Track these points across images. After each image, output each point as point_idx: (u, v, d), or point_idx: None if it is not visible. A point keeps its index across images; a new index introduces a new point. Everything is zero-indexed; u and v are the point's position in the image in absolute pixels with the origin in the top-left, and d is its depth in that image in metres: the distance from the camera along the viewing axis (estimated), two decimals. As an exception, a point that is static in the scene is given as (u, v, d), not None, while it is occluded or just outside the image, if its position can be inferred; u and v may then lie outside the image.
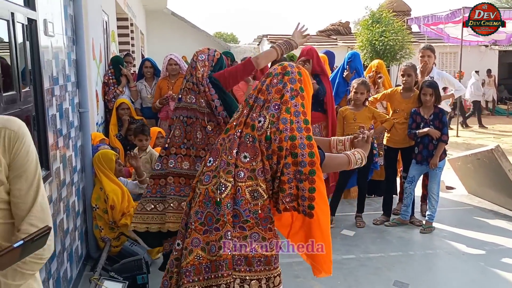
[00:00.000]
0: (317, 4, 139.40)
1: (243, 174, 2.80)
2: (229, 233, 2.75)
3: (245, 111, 2.93)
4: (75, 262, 4.34)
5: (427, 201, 5.96)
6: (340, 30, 22.56)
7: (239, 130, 2.87)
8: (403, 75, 5.96)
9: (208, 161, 2.95)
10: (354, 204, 6.28)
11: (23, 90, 3.25)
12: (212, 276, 2.78)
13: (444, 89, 7.31)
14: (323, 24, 39.68)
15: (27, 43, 3.41)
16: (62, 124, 4.08)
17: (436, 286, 4.55)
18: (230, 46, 23.55)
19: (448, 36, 17.09)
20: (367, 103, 5.92)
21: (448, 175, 7.75)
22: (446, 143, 5.78)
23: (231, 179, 2.79)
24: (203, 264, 2.80)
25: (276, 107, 2.85)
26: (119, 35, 10.58)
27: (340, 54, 8.16)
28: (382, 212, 6.15)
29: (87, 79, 4.87)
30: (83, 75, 4.77)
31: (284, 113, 2.83)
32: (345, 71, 6.68)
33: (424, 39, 18.27)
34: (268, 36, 22.00)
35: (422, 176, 6.17)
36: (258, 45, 24.19)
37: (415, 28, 18.14)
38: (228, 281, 2.75)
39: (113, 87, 7.03)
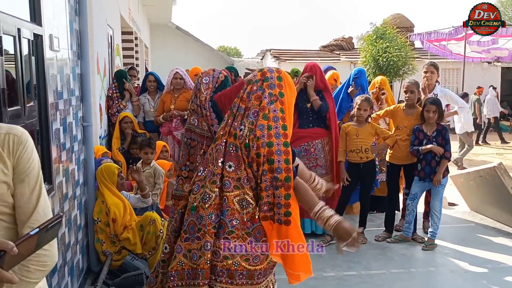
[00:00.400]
0: (320, 19, 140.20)
1: (228, 183, 2.79)
2: (208, 244, 2.74)
3: (229, 121, 2.93)
4: (76, 276, 4.33)
5: (429, 218, 5.95)
6: (343, 46, 22.66)
7: (224, 140, 2.87)
8: (406, 92, 5.98)
9: (199, 170, 2.97)
10: (356, 220, 6.26)
11: (27, 105, 3.27)
12: (192, 284, 2.81)
13: (447, 106, 7.34)
14: (326, 39, 39.91)
15: (33, 58, 3.44)
16: (66, 138, 4.10)
17: (438, 304, 4.52)
18: (233, 60, 23.65)
19: (451, 53, 17.15)
20: (370, 119, 5.94)
21: (450, 191, 7.74)
22: (449, 160, 5.79)
23: (216, 189, 2.80)
24: (185, 270, 2.84)
25: (255, 114, 2.84)
26: (124, 49, 10.64)
27: (343, 70, 8.20)
28: (384, 228, 6.14)
29: (91, 93, 4.90)
30: (87, 89, 4.80)
31: (261, 119, 2.82)
32: (350, 87, 6.71)
33: (427, 55, 18.34)
34: (272, 51, 22.10)
35: (424, 193, 6.17)
36: (261, 59, 24.29)
37: (418, 44, 18.21)
38: None
39: (116, 101, 7.07)
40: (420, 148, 5.70)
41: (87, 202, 4.82)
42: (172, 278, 2.85)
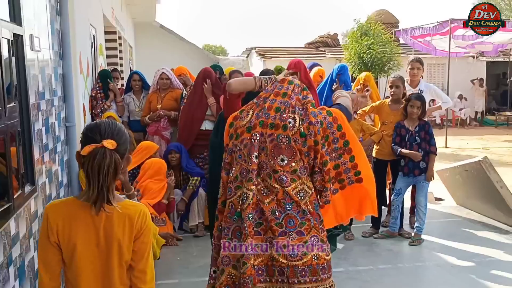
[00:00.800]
0: (305, 16, 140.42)
1: (285, 178, 2.78)
2: (250, 245, 2.71)
3: (260, 114, 2.91)
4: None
5: (415, 213, 5.96)
6: (328, 42, 22.68)
7: (257, 134, 2.84)
8: (391, 87, 5.99)
9: (224, 172, 2.92)
10: (343, 217, 6.26)
11: (8, 106, 3.22)
12: None
13: (432, 101, 7.36)
14: (311, 36, 39.91)
15: (13, 58, 3.39)
16: (48, 139, 4.05)
17: (426, 299, 4.54)
18: (218, 59, 23.59)
19: (435, 49, 17.21)
20: (356, 115, 5.94)
21: (437, 186, 7.77)
22: (436, 154, 5.81)
23: (253, 187, 2.77)
24: (236, 282, 2.75)
25: (301, 108, 2.93)
26: (107, 48, 10.56)
27: (329, 66, 8.18)
28: (371, 224, 6.15)
29: (74, 93, 4.86)
30: (70, 90, 4.76)
31: (310, 107, 2.93)
32: (334, 84, 6.69)
33: (412, 51, 18.41)
34: (257, 49, 22.06)
35: (411, 188, 6.18)
36: (246, 57, 24.25)
37: (402, 40, 18.27)
38: None
39: (100, 102, 7.01)
40: (400, 149, 5.72)
41: (72, 204, 4.77)
42: None
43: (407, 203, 6.38)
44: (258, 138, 2.82)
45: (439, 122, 18.56)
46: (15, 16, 3.46)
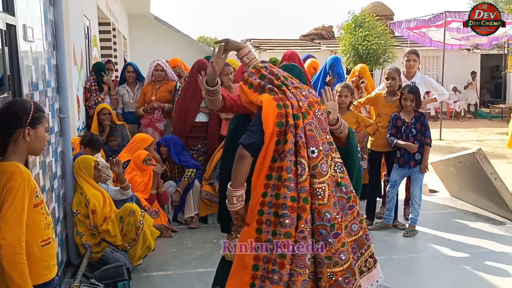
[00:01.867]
0: (300, 8, 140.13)
1: (327, 147, 2.90)
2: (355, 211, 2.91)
3: (302, 93, 2.96)
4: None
5: (410, 204, 5.98)
6: (323, 35, 22.63)
7: (316, 110, 2.94)
8: (387, 78, 5.98)
9: (311, 152, 2.79)
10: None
11: (1, 96, 3.21)
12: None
13: (427, 93, 7.36)
14: (306, 29, 39.86)
15: (6, 48, 3.37)
16: (42, 130, 4.02)
17: (420, 289, 4.56)
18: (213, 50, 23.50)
19: (431, 40, 17.21)
20: (351, 107, 5.94)
21: (431, 178, 7.79)
22: (430, 146, 5.82)
23: (339, 155, 2.93)
24: (351, 249, 2.87)
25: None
26: (101, 40, 10.51)
27: (324, 59, 8.16)
28: (366, 215, 6.16)
29: (67, 85, 4.82)
30: (64, 81, 4.72)
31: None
32: (328, 76, 6.68)
33: (407, 43, 18.40)
34: (252, 41, 22.00)
35: (406, 180, 6.20)
36: (242, 49, 24.15)
37: (398, 32, 18.25)
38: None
39: (95, 94, 7.00)
40: (396, 140, 5.72)
41: (66, 195, 4.76)
42: (346, 280, 2.79)
43: (402, 195, 6.40)
44: (318, 113, 3.00)
45: (433, 114, 18.58)
46: (8, 6, 3.43)
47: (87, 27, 8.05)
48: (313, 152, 2.76)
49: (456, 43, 17.47)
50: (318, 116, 2.89)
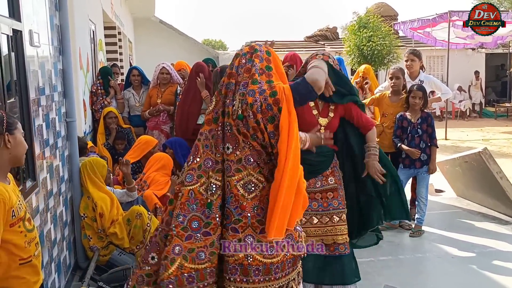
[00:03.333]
0: (304, 10, 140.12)
1: (229, 167, 2.61)
2: (218, 238, 2.60)
3: (220, 102, 2.72)
4: (63, 273, 4.31)
5: (416, 204, 5.98)
6: (327, 36, 22.64)
7: (220, 123, 2.68)
8: (391, 78, 5.99)
9: (189, 160, 2.70)
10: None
11: (8, 101, 3.24)
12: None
13: (432, 92, 7.34)
14: (310, 30, 39.86)
15: (12, 54, 3.40)
16: (49, 134, 4.06)
17: (426, 289, 4.56)
18: (218, 53, 23.57)
19: (435, 39, 17.19)
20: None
21: (437, 178, 7.78)
22: (437, 147, 5.82)
23: (220, 178, 2.63)
24: (185, 274, 2.55)
25: (245, 85, 2.67)
26: (107, 44, 10.56)
27: (328, 60, 8.17)
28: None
29: (74, 89, 4.86)
30: (70, 85, 4.75)
31: (251, 85, 2.65)
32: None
33: (411, 43, 18.39)
34: (256, 42, 22.02)
35: (411, 180, 6.20)
36: (246, 51, 24.20)
37: (402, 32, 18.24)
38: None
39: (101, 98, 7.04)
40: (399, 144, 5.73)
41: (73, 198, 4.78)
42: (170, 285, 2.52)
43: (408, 195, 6.38)
44: (220, 128, 2.68)
45: (439, 114, 18.55)
46: (14, 11, 3.46)
47: (93, 32, 8.09)
48: (189, 160, 2.72)
49: (460, 42, 17.44)
50: (219, 131, 2.67)
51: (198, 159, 2.66)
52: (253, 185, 2.62)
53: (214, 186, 2.62)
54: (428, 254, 5.37)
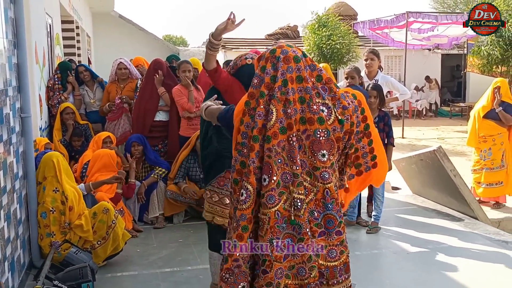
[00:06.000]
0: (265, 8, 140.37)
1: (327, 174, 2.57)
2: (319, 248, 2.59)
3: (288, 110, 2.55)
4: (17, 272, 4.22)
5: (373, 202, 6.08)
6: (288, 34, 22.77)
7: (293, 134, 2.55)
8: (346, 78, 6.08)
9: (263, 180, 2.55)
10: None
11: (-41, 95, 3.14)
12: None
13: (389, 92, 7.49)
14: (271, 28, 39.91)
15: (-36, 46, 3.31)
16: (3, 130, 3.96)
17: (383, 285, 4.64)
18: (179, 49, 23.40)
19: (393, 40, 17.52)
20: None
21: (393, 175, 7.93)
22: (394, 145, 5.93)
23: (304, 191, 2.56)
24: None
25: (324, 89, 2.63)
26: (65, 38, 10.35)
27: (288, 58, 8.21)
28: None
29: (29, 84, 4.74)
30: (25, 80, 4.64)
31: (336, 89, 2.67)
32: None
33: (370, 43, 18.67)
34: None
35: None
36: (207, 48, 24.10)
37: (361, 32, 18.51)
38: None
39: (58, 93, 6.90)
40: None
41: (28, 195, 4.67)
42: None
43: (365, 192, 6.50)
44: (295, 138, 2.56)
45: (396, 113, 18.91)
46: (-33, 3, 3.36)
47: (50, 25, 7.93)
48: (264, 180, 2.55)
49: (417, 43, 17.82)
50: (292, 141, 2.55)
51: (274, 178, 2.53)
52: (337, 186, 2.68)
53: (298, 201, 2.54)
54: (384, 250, 5.47)
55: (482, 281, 4.63)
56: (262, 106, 2.57)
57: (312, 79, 2.63)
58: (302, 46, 18.66)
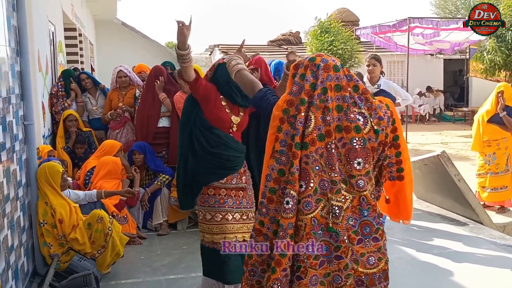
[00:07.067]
0: (268, 14, 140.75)
1: (362, 182, 2.58)
2: (358, 256, 2.59)
3: (327, 117, 2.56)
4: (21, 280, 4.20)
5: (377, 207, 6.04)
6: (290, 40, 22.82)
7: (332, 141, 2.56)
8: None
9: (298, 186, 2.55)
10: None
11: (-37, 103, 3.14)
12: None
13: (391, 97, 7.45)
14: (273, 34, 40.05)
15: (-33, 54, 3.31)
16: (6, 138, 3.96)
17: (387, 290, 4.61)
18: (181, 56, 23.42)
19: (396, 45, 17.51)
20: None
21: (397, 181, 7.91)
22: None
23: (342, 199, 2.56)
24: None
25: (361, 99, 2.65)
26: (67, 46, 10.38)
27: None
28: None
29: (32, 91, 4.74)
30: (28, 87, 4.64)
31: (372, 100, 2.67)
32: (275, 81, 6.65)
33: (373, 48, 18.68)
34: (220, 46, 22.02)
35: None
36: (210, 54, 24.19)
37: (363, 37, 18.52)
38: None
39: (61, 100, 6.92)
40: None
41: (31, 203, 4.67)
42: None
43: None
44: (334, 146, 2.57)
45: (399, 118, 18.89)
46: (-31, 11, 3.37)
47: (52, 33, 7.95)
48: (301, 186, 2.55)
49: (420, 48, 17.81)
50: (331, 148, 2.56)
51: (312, 184, 2.53)
52: (374, 195, 2.69)
53: (336, 208, 2.54)
54: (389, 255, 5.39)
55: (488, 286, 4.61)
56: (303, 114, 2.58)
57: (349, 89, 2.65)
58: (305, 52, 18.68)
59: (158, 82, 6.38)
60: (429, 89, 20.60)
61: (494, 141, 7.41)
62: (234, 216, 3.77)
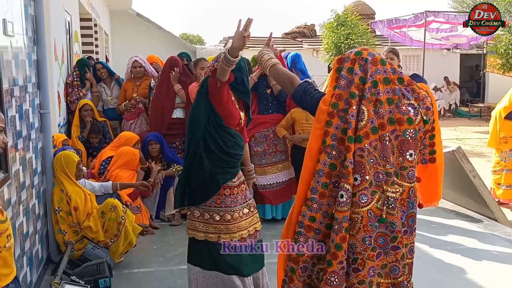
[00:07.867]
0: (283, 7, 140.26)
1: (413, 173, 2.64)
2: (409, 247, 2.69)
3: (380, 110, 2.58)
4: (35, 266, 4.25)
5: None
6: (305, 33, 22.72)
7: (386, 134, 2.58)
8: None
9: (354, 179, 2.56)
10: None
11: (-20, 91, 3.17)
12: None
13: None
14: (288, 27, 39.91)
15: (-15, 43, 3.33)
16: (22, 126, 3.99)
17: (399, 286, 4.59)
18: (196, 48, 23.44)
19: (411, 39, 17.37)
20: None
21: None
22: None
23: (398, 189, 2.60)
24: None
25: (407, 90, 2.67)
26: (83, 36, 10.42)
27: (306, 57, 8.18)
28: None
29: (48, 80, 4.77)
30: (44, 76, 4.67)
31: (420, 90, 2.69)
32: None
33: (388, 42, 18.55)
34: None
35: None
36: (224, 46, 24.16)
37: (379, 31, 18.40)
38: None
39: (76, 89, 6.95)
40: None
41: (46, 191, 4.71)
42: None
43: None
44: (388, 138, 2.59)
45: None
46: (-12, 0, 3.39)
47: (68, 23, 7.98)
48: (355, 179, 2.56)
49: (436, 42, 17.66)
50: (385, 140, 2.59)
51: (367, 177, 2.56)
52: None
53: (391, 199, 2.59)
54: (401, 251, 5.41)
55: (501, 283, 4.58)
56: (354, 107, 2.59)
57: (397, 82, 2.68)
58: (320, 44, 18.61)
59: (173, 73, 6.38)
60: (446, 79, 20.39)
61: (510, 138, 7.33)
62: (244, 212, 3.74)
